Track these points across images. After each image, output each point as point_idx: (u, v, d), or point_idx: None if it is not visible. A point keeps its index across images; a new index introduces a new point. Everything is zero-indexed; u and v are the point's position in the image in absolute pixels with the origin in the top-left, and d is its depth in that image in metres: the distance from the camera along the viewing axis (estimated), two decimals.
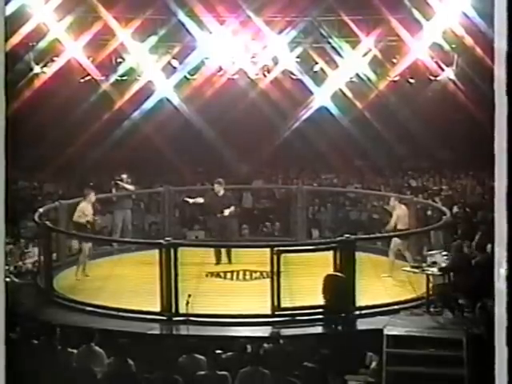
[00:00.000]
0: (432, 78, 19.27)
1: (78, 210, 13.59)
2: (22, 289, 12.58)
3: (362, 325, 11.03)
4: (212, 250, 14.16)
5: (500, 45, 3.19)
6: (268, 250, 11.45)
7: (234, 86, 19.75)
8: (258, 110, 19.95)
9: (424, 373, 9.98)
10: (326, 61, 19.08)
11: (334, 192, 19.04)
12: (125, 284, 12.39)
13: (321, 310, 11.17)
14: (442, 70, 19.05)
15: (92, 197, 13.87)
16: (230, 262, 13.93)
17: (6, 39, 3.37)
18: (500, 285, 3.21)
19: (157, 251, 11.44)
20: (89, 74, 18.93)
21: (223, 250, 14.01)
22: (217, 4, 17.55)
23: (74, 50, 18.20)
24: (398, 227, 13.45)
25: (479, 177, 19.94)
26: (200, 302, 11.14)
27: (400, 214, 13.55)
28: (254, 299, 11.74)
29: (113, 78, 19.09)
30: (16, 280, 12.98)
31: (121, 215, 15.48)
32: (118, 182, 15.53)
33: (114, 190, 15.64)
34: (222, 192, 14.66)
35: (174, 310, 11.22)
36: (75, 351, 9.42)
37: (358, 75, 19.28)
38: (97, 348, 9.42)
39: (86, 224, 13.52)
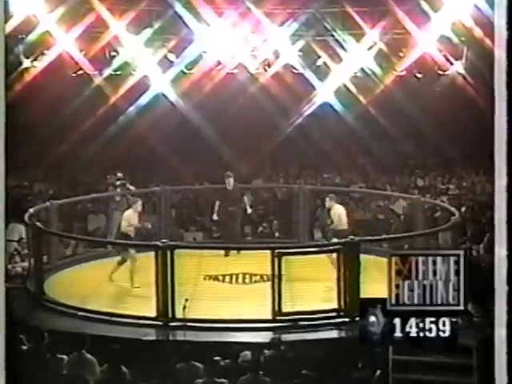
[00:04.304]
0: (440, 72, 19.22)
1: (124, 219, 13.25)
2: (11, 293, 12.30)
3: None
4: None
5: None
6: (268, 252, 11.31)
7: (233, 80, 19.72)
8: (259, 105, 19.88)
9: (432, 380, 9.52)
10: (329, 54, 19.02)
11: (338, 191, 18.84)
12: (119, 287, 12.48)
13: (325, 315, 11.14)
14: (451, 63, 18.99)
15: (138, 205, 13.46)
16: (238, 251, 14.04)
17: None
18: (500, 285, 3.47)
19: (152, 253, 11.40)
20: (81, 69, 18.85)
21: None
22: None
23: (66, 42, 18.09)
24: (338, 228, 13.44)
25: (489, 175, 19.67)
26: (198, 306, 11.14)
27: (337, 213, 13.53)
28: (254, 303, 11.71)
29: (106, 72, 19.00)
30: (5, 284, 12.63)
31: (119, 216, 15.01)
32: (123, 182, 15.62)
33: (118, 190, 15.74)
34: (231, 185, 15.10)
35: (170, 314, 11.18)
36: (66, 358, 9.15)
37: (362, 69, 19.21)
38: (88, 355, 9.18)
39: (131, 234, 13.18)
